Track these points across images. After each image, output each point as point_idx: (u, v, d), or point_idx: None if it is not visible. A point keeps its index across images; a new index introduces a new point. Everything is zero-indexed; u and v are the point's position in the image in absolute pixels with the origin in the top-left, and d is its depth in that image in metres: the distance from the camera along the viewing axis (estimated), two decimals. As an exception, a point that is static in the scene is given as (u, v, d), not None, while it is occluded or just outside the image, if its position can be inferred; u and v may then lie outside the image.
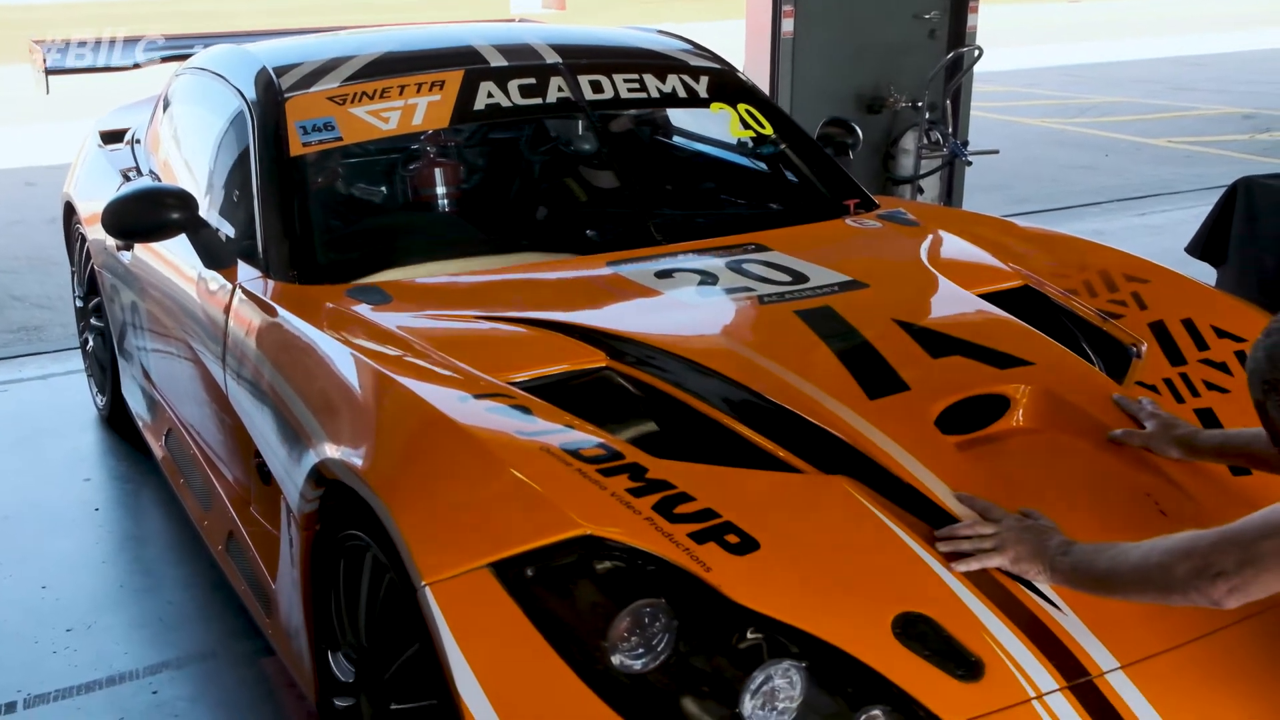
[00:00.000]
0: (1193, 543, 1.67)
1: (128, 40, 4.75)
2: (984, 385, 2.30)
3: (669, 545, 1.78)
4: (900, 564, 1.86)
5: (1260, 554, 1.60)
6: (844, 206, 3.38)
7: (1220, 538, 1.65)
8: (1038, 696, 1.70)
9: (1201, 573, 1.63)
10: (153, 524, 3.74)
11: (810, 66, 6.41)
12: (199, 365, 3.01)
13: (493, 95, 3.21)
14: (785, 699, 1.66)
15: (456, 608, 1.73)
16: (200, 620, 3.17)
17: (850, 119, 3.89)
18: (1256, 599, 1.64)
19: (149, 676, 2.93)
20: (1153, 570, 1.69)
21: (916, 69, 6.64)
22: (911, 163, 6.69)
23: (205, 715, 2.79)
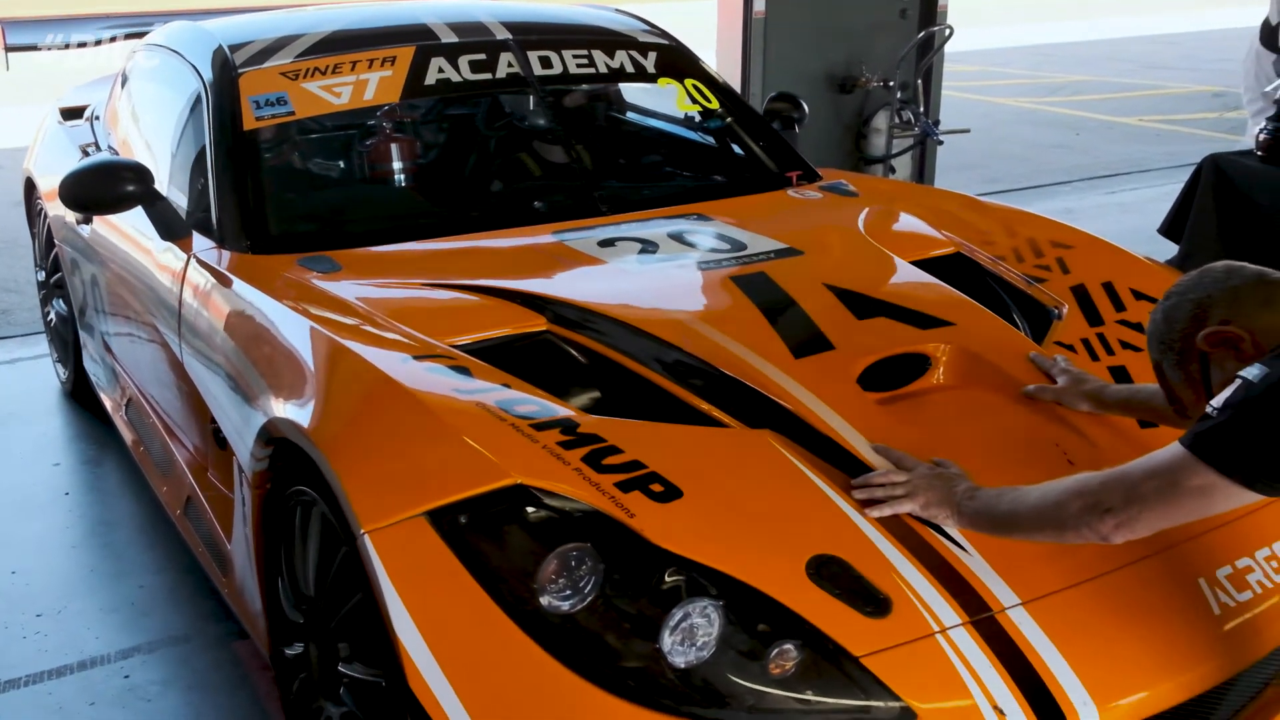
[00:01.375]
0: (1084, 483, 1.78)
1: (88, 17, 4.79)
2: (906, 345, 2.41)
3: (595, 494, 1.88)
4: (817, 510, 1.97)
5: (1143, 493, 1.71)
6: (787, 178, 3.47)
7: (1109, 477, 1.76)
8: (941, 631, 1.81)
9: (1091, 509, 1.75)
10: (123, 508, 3.72)
11: (782, 46, 6.40)
12: (155, 335, 3.09)
13: (443, 71, 3.29)
14: (703, 635, 1.76)
15: (394, 554, 1.83)
16: (172, 604, 3.16)
17: (823, 98, 3.97)
18: (1142, 536, 1.76)
19: (120, 661, 2.91)
20: (1049, 509, 1.81)
21: (888, 48, 6.65)
22: (884, 142, 6.71)
23: (177, 699, 2.78)
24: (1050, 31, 19.91)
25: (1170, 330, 1.92)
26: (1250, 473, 1.63)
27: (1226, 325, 1.83)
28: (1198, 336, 1.86)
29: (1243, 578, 2.04)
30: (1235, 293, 1.86)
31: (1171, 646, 1.90)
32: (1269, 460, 1.63)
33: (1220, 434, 1.65)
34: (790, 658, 1.75)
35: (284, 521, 2.26)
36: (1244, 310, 1.83)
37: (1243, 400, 1.65)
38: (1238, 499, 1.67)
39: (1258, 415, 1.63)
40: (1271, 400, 1.63)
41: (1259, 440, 1.63)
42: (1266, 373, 1.65)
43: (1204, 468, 1.65)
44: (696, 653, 1.75)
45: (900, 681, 1.75)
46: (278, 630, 2.38)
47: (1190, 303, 1.90)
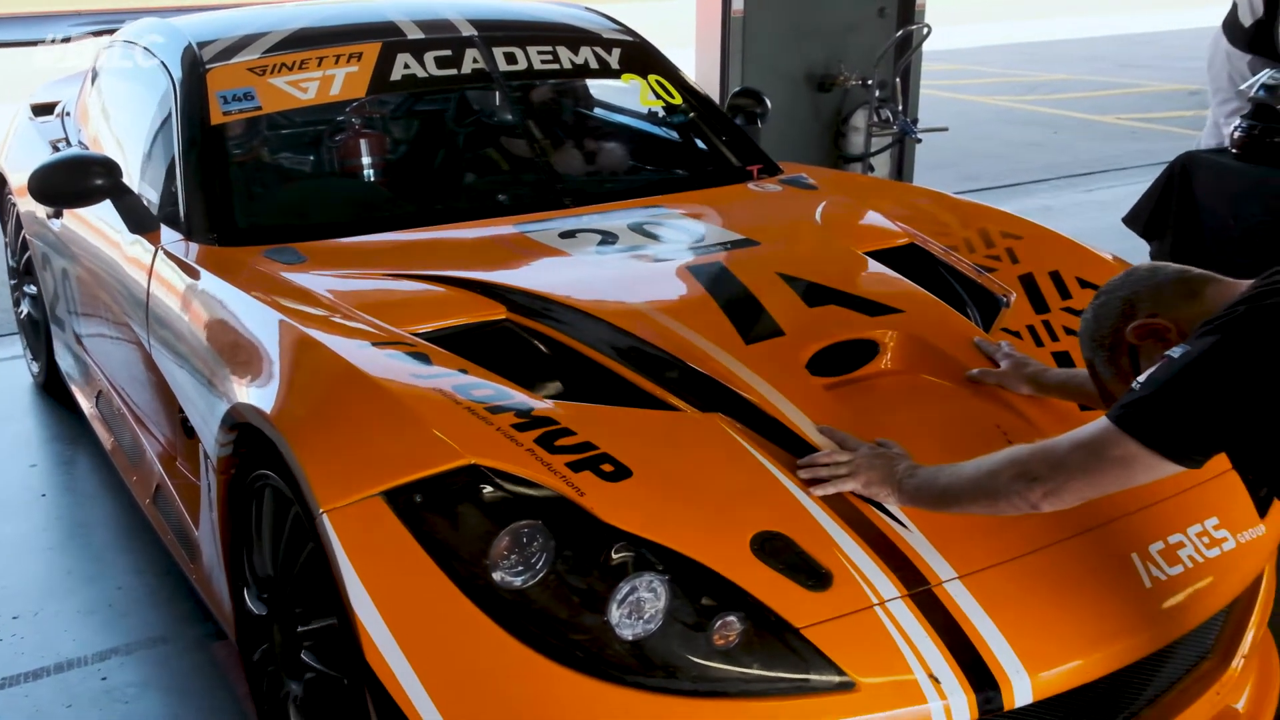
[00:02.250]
0: (1015, 454, 1.87)
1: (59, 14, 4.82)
2: (854, 331, 2.48)
3: (547, 473, 1.94)
4: (762, 489, 2.03)
5: (1069, 463, 1.79)
6: (747, 172, 3.54)
7: (1038, 449, 1.85)
8: (880, 603, 1.88)
9: (1021, 479, 1.83)
10: (101, 510, 3.71)
11: (761, 45, 6.44)
12: (125, 327, 3.14)
13: (409, 67, 3.34)
14: (650, 608, 1.82)
15: (351, 532, 1.89)
16: (150, 606, 3.15)
17: (801, 97, 4.03)
18: (1070, 505, 1.84)
19: (98, 663, 2.91)
20: (982, 480, 1.88)
21: (866, 47, 6.68)
22: (862, 140, 6.76)
23: (155, 700, 2.78)
24: (1028, 30, 20.02)
25: (1100, 327, 2.01)
26: (1169, 444, 1.71)
27: (1153, 318, 1.91)
28: (1126, 330, 1.95)
29: (1174, 553, 2.11)
30: (1159, 288, 1.95)
31: (1103, 618, 1.98)
32: (1187, 433, 1.71)
33: (1141, 406, 1.73)
34: (733, 629, 1.82)
35: (248, 505, 2.31)
36: (1168, 303, 1.91)
37: (1164, 375, 1.73)
38: (1158, 470, 1.74)
39: (1177, 389, 1.71)
40: (1190, 375, 1.70)
41: (1178, 413, 1.71)
42: (1187, 350, 1.73)
43: (1126, 439, 1.73)
44: (644, 625, 1.81)
45: (839, 651, 1.81)
46: (242, 613, 2.44)
47: (1119, 300, 1.99)
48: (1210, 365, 1.69)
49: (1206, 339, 1.71)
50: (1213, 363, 1.69)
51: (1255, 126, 4.47)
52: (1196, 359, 1.70)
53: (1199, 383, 1.69)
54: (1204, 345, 1.70)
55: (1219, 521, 2.20)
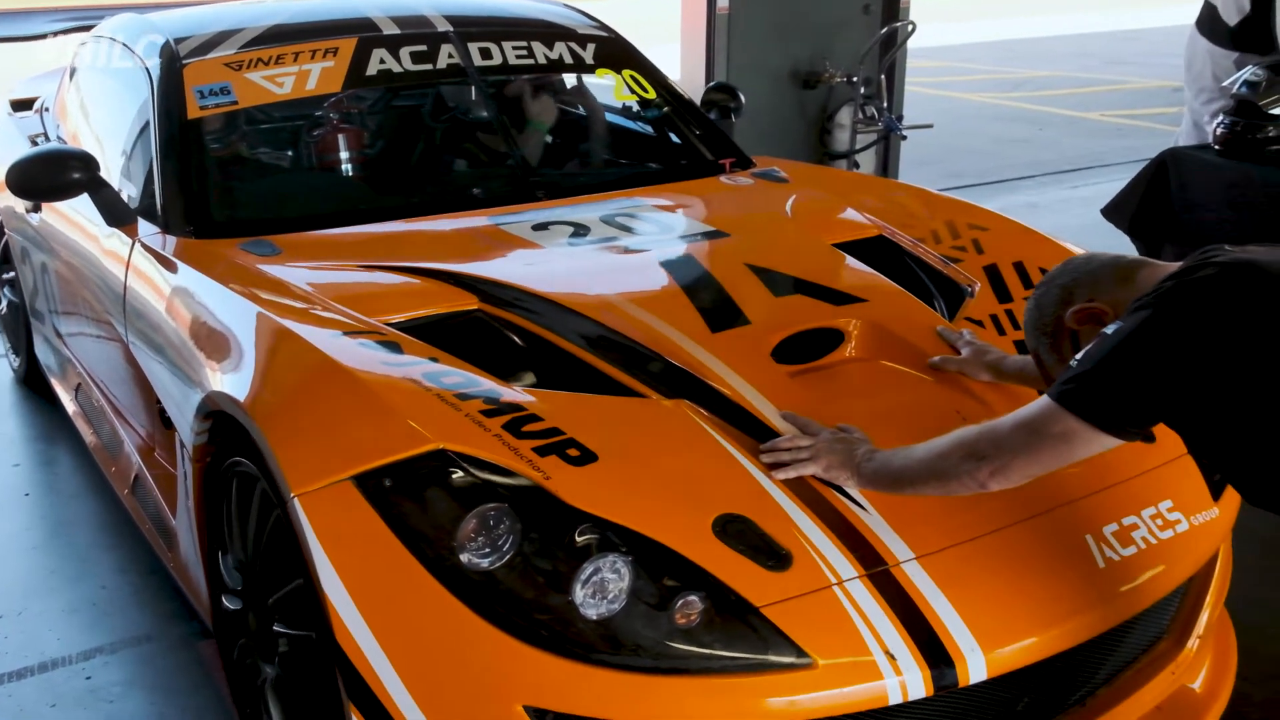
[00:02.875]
0: (962, 435, 1.92)
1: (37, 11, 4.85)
2: (819, 320, 2.53)
3: (514, 458, 1.98)
4: (725, 473, 2.08)
5: (1013, 441, 1.85)
6: (720, 165, 3.59)
7: (984, 429, 1.90)
8: (838, 583, 1.92)
9: (968, 458, 1.88)
10: (84, 509, 3.69)
11: (746, 42, 6.44)
12: (102, 319, 3.17)
13: (385, 61, 3.38)
14: (614, 588, 1.87)
15: (322, 516, 1.93)
16: (135, 605, 3.14)
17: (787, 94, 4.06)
18: (1017, 483, 1.89)
19: (82, 662, 2.90)
20: (933, 461, 1.94)
21: (851, 44, 6.69)
22: (847, 137, 6.76)
23: (140, 699, 2.76)
24: (1013, 27, 20.04)
25: (1042, 315, 2.07)
26: (1105, 417, 1.77)
27: (1091, 303, 1.97)
28: (1066, 315, 2.01)
29: (1128, 534, 2.16)
30: (1096, 274, 2.01)
31: (1056, 597, 2.03)
32: (1121, 405, 1.77)
33: (1078, 383, 1.79)
34: (695, 609, 1.86)
35: (223, 492, 2.35)
36: (1105, 288, 1.97)
37: (1099, 352, 1.79)
38: (1097, 444, 1.80)
39: (1111, 364, 1.76)
40: (1122, 349, 1.76)
41: (1112, 386, 1.77)
42: (1120, 326, 1.78)
43: (1065, 415, 1.79)
44: (608, 605, 1.86)
45: (798, 630, 1.86)
46: (219, 598, 2.48)
47: (1058, 288, 2.05)
48: (1141, 338, 1.74)
49: (1138, 314, 1.77)
50: (1143, 336, 1.74)
51: (1238, 123, 4.49)
52: (1129, 334, 1.76)
53: (1130, 356, 1.75)
54: (1135, 320, 1.76)
55: (1173, 504, 2.25)
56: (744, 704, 1.83)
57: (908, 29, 6.76)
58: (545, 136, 3.73)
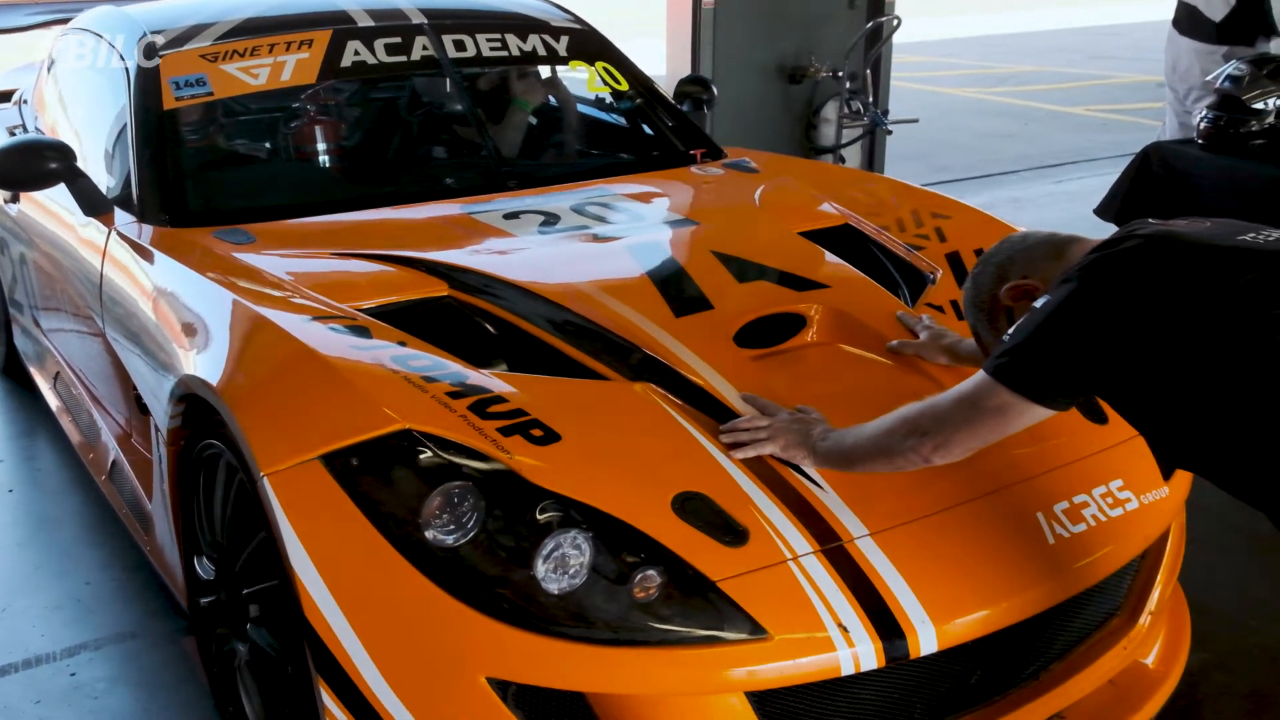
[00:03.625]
0: (906, 413, 1.99)
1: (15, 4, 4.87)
2: (782, 305, 2.59)
3: (478, 437, 2.04)
4: (685, 452, 2.13)
5: (953, 416, 1.92)
6: (691, 156, 3.64)
7: (926, 405, 1.97)
8: (793, 558, 1.98)
9: (912, 434, 1.95)
10: (69, 505, 3.68)
11: (732, 37, 6.44)
12: (80, 307, 3.21)
13: (359, 53, 3.43)
14: (575, 563, 1.92)
15: (291, 494, 1.98)
16: (119, 601, 3.13)
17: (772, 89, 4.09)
18: (958, 457, 1.96)
19: (67, 659, 2.89)
20: (880, 438, 2.00)
21: (837, 39, 6.69)
22: (833, 132, 6.77)
23: (125, 695, 2.76)
24: (997, 22, 20.10)
25: (979, 293, 2.14)
26: (1035, 388, 1.84)
27: (1024, 280, 2.04)
28: (1001, 292, 2.07)
29: (1078, 512, 2.22)
30: (1029, 251, 2.08)
31: (1006, 572, 2.09)
32: (1050, 376, 1.84)
33: (1010, 355, 1.85)
34: (653, 583, 1.91)
35: (196, 475, 2.40)
36: (1037, 265, 2.04)
37: (1028, 325, 1.85)
38: (1030, 415, 1.86)
39: (1038, 336, 1.83)
40: (1049, 321, 1.82)
41: (1040, 358, 1.83)
42: (1047, 299, 1.85)
43: (999, 388, 1.85)
44: (569, 580, 1.91)
45: (753, 603, 1.92)
46: (193, 578, 2.52)
47: (994, 266, 2.12)
48: (1065, 310, 1.81)
49: (1064, 287, 1.83)
50: (1067, 308, 1.81)
51: (1221, 117, 4.54)
52: (1055, 307, 1.82)
53: (1057, 327, 1.81)
54: (1061, 293, 1.82)
55: (1123, 483, 2.31)
56: (701, 675, 1.89)
57: (893, 24, 6.76)
58: (529, 117, 3.78)
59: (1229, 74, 4.60)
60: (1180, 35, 5.71)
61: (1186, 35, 5.66)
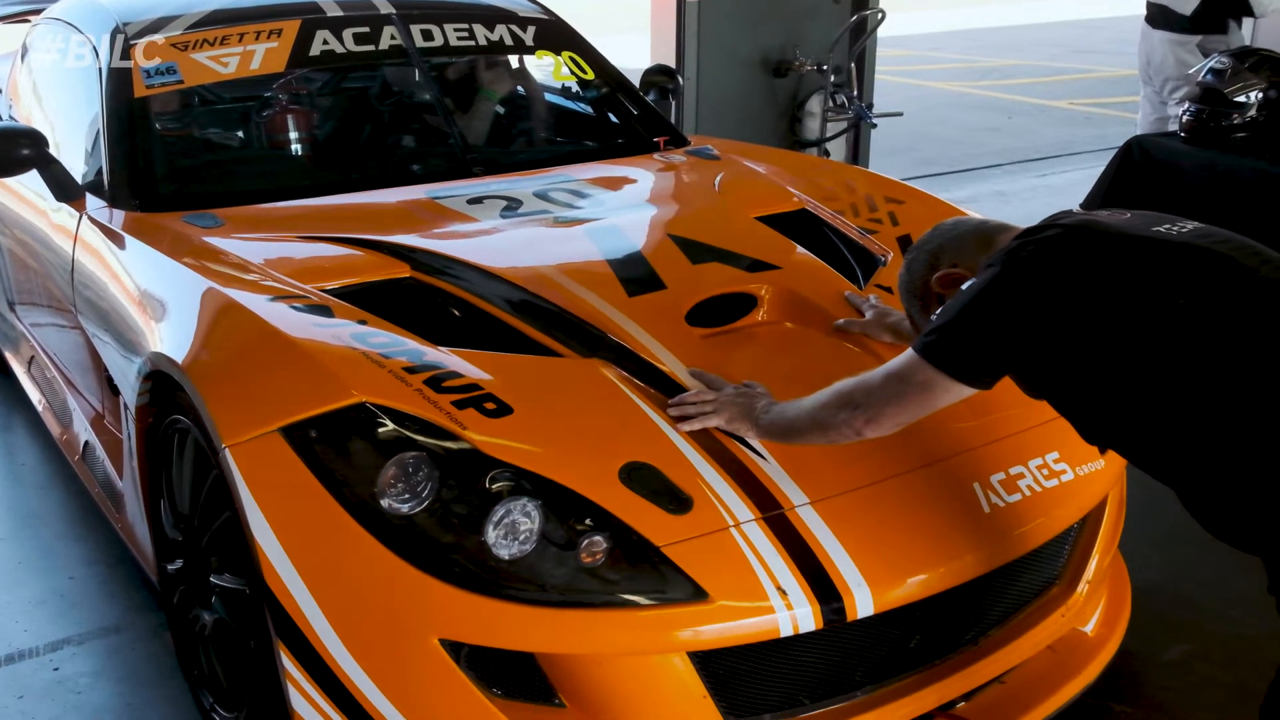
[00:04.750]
0: (840, 387, 2.07)
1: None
2: (732, 285, 2.67)
3: (433, 410, 2.11)
4: (634, 425, 2.22)
5: (883, 391, 2.01)
6: (654, 143, 3.72)
7: (858, 381, 2.05)
8: (735, 525, 2.06)
9: (845, 408, 2.03)
10: (53, 501, 3.66)
11: (716, 31, 6.44)
12: (53, 292, 3.28)
13: (328, 43, 3.49)
14: (525, 530, 2.00)
15: (251, 465, 2.06)
16: (103, 596, 3.13)
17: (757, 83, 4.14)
18: (889, 430, 2.04)
19: (49, 654, 2.89)
20: (816, 412, 2.08)
21: (821, 32, 6.70)
22: (818, 125, 6.77)
23: (108, 690, 2.75)
24: (981, 16, 20.13)
25: (913, 280, 2.23)
26: (958, 367, 1.92)
27: (954, 268, 2.12)
28: (932, 280, 2.16)
29: (1015, 483, 2.32)
30: (960, 239, 2.17)
31: (942, 540, 2.17)
32: (972, 356, 1.92)
33: (935, 334, 1.94)
34: (600, 548, 2.00)
35: (164, 451, 2.48)
36: (967, 253, 2.12)
37: (954, 307, 1.94)
38: (954, 392, 1.95)
39: (962, 317, 1.92)
40: (972, 304, 1.91)
41: (963, 338, 1.92)
42: (973, 283, 1.93)
43: (925, 365, 1.94)
44: (519, 546, 1.99)
45: (696, 567, 2.00)
46: (161, 551, 2.60)
47: (926, 254, 2.21)
48: (987, 293, 1.90)
49: (987, 272, 1.91)
50: (990, 291, 1.89)
51: (1203, 110, 4.58)
52: (979, 290, 1.91)
53: (979, 309, 1.90)
54: (985, 277, 1.91)
55: (1059, 455, 2.40)
56: (644, 635, 1.97)
57: (877, 17, 6.73)
58: (496, 106, 3.86)
59: (1211, 67, 4.62)
60: (1154, 29, 5.78)
61: (1161, 29, 5.73)
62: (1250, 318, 1.78)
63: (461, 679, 1.98)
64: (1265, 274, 1.82)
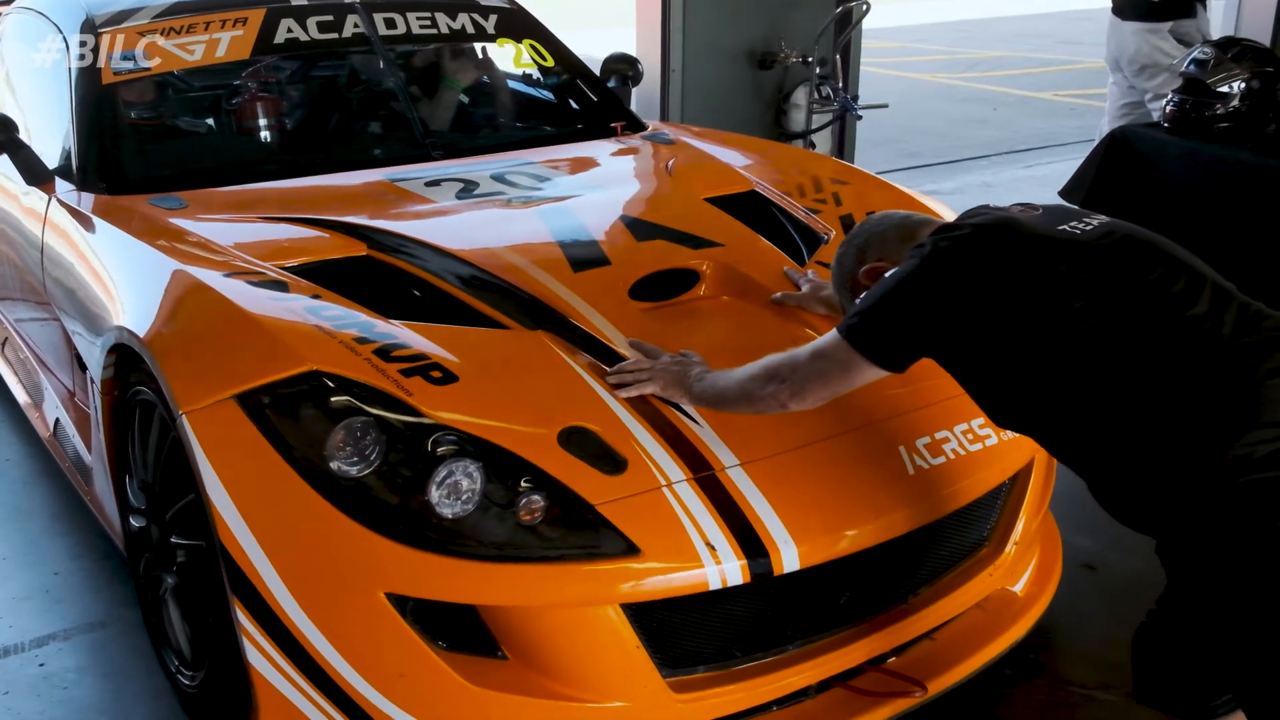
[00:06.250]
0: (768, 361, 2.18)
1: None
2: (675, 261, 2.78)
3: (381, 378, 2.22)
4: (574, 393, 2.33)
5: (807, 368, 2.12)
6: (612, 128, 3.83)
7: (786, 356, 2.16)
8: (667, 484, 2.17)
9: (771, 381, 2.14)
10: (37, 496, 3.64)
11: (701, 22, 6.46)
12: (23, 273, 3.38)
13: (292, 30, 3.60)
14: (467, 490, 2.11)
15: (207, 430, 2.16)
16: (89, 590, 3.12)
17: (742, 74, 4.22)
18: (812, 405, 2.16)
19: (35, 649, 2.88)
20: (745, 383, 2.19)
21: (806, 24, 6.69)
22: (803, 117, 6.75)
23: (94, 685, 2.75)
24: (967, 7, 20.15)
25: (842, 272, 2.35)
26: (874, 350, 2.05)
27: (880, 262, 2.23)
28: (859, 273, 2.27)
29: (939, 446, 2.43)
30: (885, 234, 2.29)
31: (866, 499, 2.29)
32: (887, 340, 2.05)
33: (857, 318, 2.06)
34: (537, 506, 2.11)
35: (129, 422, 2.58)
36: (891, 247, 2.24)
37: (875, 294, 2.05)
38: (871, 373, 2.08)
39: (880, 304, 2.04)
40: (890, 292, 2.03)
41: (880, 324, 2.04)
42: (894, 272, 2.04)
43: (846, 346, 2.06)
44: (462, 505, 2.10)
45: (628, 524, 2.11)
46: (128, 519, 2.70)
47: (854, 248, 2.33)
48: (904, 282, 2.01)
49: (906, 264, 2.03)
50: (906, 280, 2.01)
51: (1186, 100, 4.60)
52: (896, 281, 2.03)
53: (895, 297, 2.02)
54: (905, 267, 2.03)
55: (984, 422, 2.51)
56: (579, 588, 2.08)
57: (862, 9, 6.68)
58: (460, 95, 3.96)
59: (1194, 57, 4.65)
60: (1124, 21, 5.78)
61: (1132, 19, 5.74)
62: (1135, 320, 1.88)
63: (407, 631, 2.09)
64: (1153, 278, 1.92)
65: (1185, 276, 1.92)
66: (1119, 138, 4.84)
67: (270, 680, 2.14)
